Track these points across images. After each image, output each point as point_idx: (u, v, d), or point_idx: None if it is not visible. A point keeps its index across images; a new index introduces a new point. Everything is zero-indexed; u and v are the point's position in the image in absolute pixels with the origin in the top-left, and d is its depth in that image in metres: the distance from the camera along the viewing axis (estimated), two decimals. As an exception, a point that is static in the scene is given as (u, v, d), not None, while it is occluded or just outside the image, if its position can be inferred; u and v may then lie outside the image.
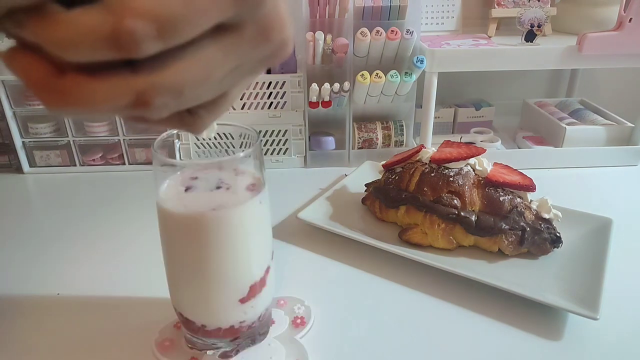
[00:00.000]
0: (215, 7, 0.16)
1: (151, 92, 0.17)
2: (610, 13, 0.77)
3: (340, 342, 0.42)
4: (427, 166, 0.56)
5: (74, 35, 0.15)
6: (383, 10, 0.70)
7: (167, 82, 0.17)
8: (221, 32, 0.18)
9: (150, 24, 0.15)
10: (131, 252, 0.55)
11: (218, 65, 0.18)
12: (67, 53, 0.15)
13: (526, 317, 0.45)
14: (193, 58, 0.17)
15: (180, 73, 0.17)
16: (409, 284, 0.49)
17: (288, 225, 0.60)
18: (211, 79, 0.19)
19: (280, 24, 0.19)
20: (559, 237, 0.51)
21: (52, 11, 0.15)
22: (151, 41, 0.15)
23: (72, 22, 0.15)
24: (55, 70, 0.16)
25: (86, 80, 0.16)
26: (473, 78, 0.93)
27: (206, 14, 0.16)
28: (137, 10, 0.15)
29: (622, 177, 0.74)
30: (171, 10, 0.15)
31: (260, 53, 0.19)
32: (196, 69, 0.18)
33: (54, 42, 0.15)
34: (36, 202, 0.69)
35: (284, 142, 0.76)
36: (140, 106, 0.17)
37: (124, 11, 0.15)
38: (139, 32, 0.15)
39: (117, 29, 0.15)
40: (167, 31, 0.15)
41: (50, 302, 0.47)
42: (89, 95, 0.16)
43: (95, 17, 0.15)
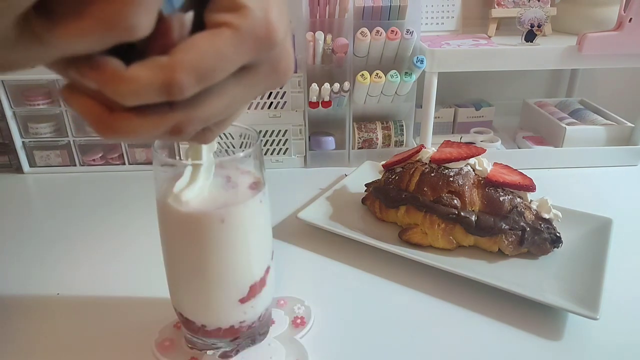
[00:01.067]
0: (240, 56, 0.20)
1: (185, 124, 0.21)
2: (610, 13, 0.77)
3: (340, 342, 0.42)
4: (427, 166, 0.56)
5: (134, 88, 0.18)
6: (383, 10, 0.70)
7: (198, 116, 0.21)
8: (242, 72, 0.21)
9: (193, 76, 0.19)
10: (131, 252, 0.55)
11: (239, 98, 0.22)
12: (125, 101, 0.19)
13: (526, 317, 0.45)
14: (220, 95, 0.21)
15: (210, 109, 0.21)
16: (409, 284, 0.49)
17: (288, 225, 0.60)
18: (233, 107, 0.23)
19: (287, 57, 0.23)
20: (559, 237, 0.51)
21: (112, 65, 0.18)
22: (192, 87, 0.19)
23: (132, 78, 0.18)
24: (106, 108, 0.19)
25: (133, 116, 0.19)
26: (473, 78, 0.93)
27: (233, 63, 0.20)
28: (183, 65, 0.18)
29: (622, 177, 0.74)
30: (208, 63, 0.19)
31: (271, 82, 0.23)
32: (222, 103, 0.22)
33: (115, 93, 0.18)
34: (36, 202, 0.69)
35: (284, 142, 0.76)
36: (175, 135, 0.21)
37: (173, 67, 0.18)
38: (184, 83, 0.18)
39: (168, 81, 0.18)
40: (204, 79, 0.19)
41: (50, 302, 0.47)
42: (134, 128, 0.20)
43: (151, 73, 0.18)
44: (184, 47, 0.19)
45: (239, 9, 0.19)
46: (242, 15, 0.19)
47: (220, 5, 0.20)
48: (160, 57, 0.18)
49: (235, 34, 0.19)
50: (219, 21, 0.19)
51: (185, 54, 0.19)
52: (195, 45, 0.19)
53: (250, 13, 0.20)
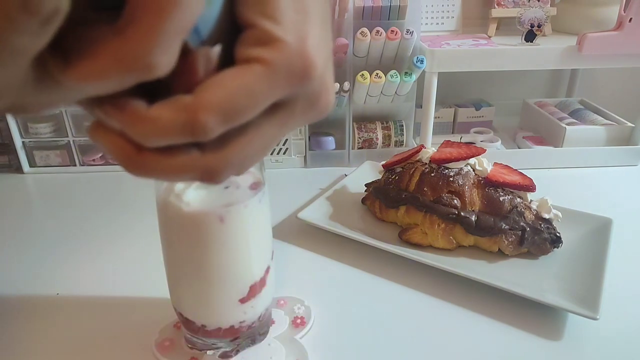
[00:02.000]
0: (271, 93, 0.18)
1: (218, 169, 0.19)
2: (610, 13, 0.77)
3: (340, 342, 0.42)
4: (427, 166, 0.56)
5: (155, 130, 0.17)
6: (383, 10, 0.70)
7: (230, 159, 0.19)
8: (276, 109, 0.20)
9: (218, 116, 0.17)
10: (131, 252, 0.55)
11: (274, 137, 0.21)
12: (148, 142, 0.18)
13: (526, 317, 0.45)
14: (252, 134, 0.20)
15: (242, 150, 0.20)
16: (409, 284, 0.49)
17: (288, 225, 0.60)
18: (269, 149, 0.21)
19: (327, 92, 0.21)
20: (559, 237, 0.51)
21: (133, 106, 0.17)
22: (218, 128, 0.18)
23: (154, 119, 0.17)
24: (134, 147, 0.18)
25: (161, 156, 0.18)
26: (473, 78, 0.93)
27: (264, 101, 0.18)
28: (208, 105, 0.17)
29: (622, 177, 0.74)
30: (235, 102, 0.18)
31: (309, 117, 0.22)
32: (256, 144, 0.20)
33: (137, 133, 0.18)
34: (36, 202, 0.69)
35: (284, 142, 0.76)
36: (208, 180, 0.20)
37: (196, 107, 0.17)
38: (209, 124, 0.17)
39: (191, 123, 0.17)
40: (230, 119, 0.18)
41: (49, 302, 0.47)
42: (163, 169, 0.19)
43: (173, 114, 0.17)
44: (209, 85, 0.17)
45: (273, 42, 0.18)
46: (276, 49, 0.18)
47: (253, 38, 0.18)
48: (184, 97, 0.17)
49: (267, 70, 0.18)
50: (250, 56, 0.18)
51: (211, 93, 0.17)
52: (222, 83, 0.18)
53: (284, 47, 0.18)
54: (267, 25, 0.18)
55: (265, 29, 0.18)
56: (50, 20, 0.14)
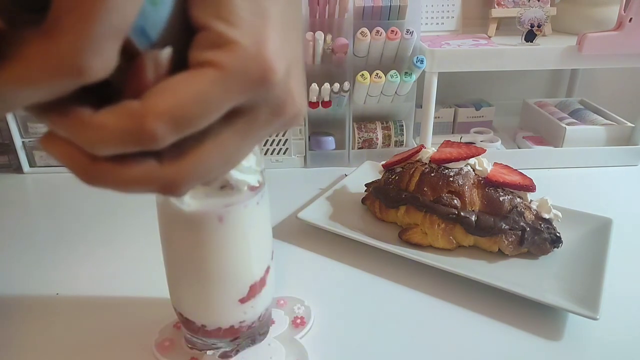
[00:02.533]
0: (226, 99, 0.17)
1: (177, 181, 0.19)
2: (610, 13, 0.77)
3: (340, 342, 0.42)
4: (427, 166, 0.56)
5: (100, 137, 0.16)
6: (383, 10, 0.70)
7: (190, 171, 0.19)
8: (236, 117, 0.19)
9: (167, 123, 0.16)
10: (131, 252, 0.55)
11: (237, 147, 0.20)
12: (95, 150, 0.17)
13: (526, 317, 0.45)
14: (211, 144, 0.19)
15: (201, 161, 0.19)
16: (409, 284, 0.49)
17: (288, 225, 0.60)
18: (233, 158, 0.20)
19: (292, 100, 0.20)
20: (559, 237, 0.51)
21: (76, 112, 0.16)
22: (168, 136, 0.17)
23: (99, 126, 0.16)
24: (88, 157, 0.17)
25: (115, 167, 0.18)
26: (473, 78, 0.93)
27: (218, 108, 0.17)
28: (156, 112, 0.16)
29: (622, 177, 0.74)
30: (186, 109, 0.17)
31: (275, 127, 0.20)
32: (216, 154, 0.19)
33: (83, 141, 0.17)
34: (36, 202, 0.69)
35: (284, 142, 0.76)
36: (168, 192, 0.19)
37: (143, 114, 0.16)
38: (157, 132, 0.16)
39: (138, 130, 0.16)
40: (182, 126, 0.17)
41: (49, 302, 0.47)
42: (119, 180, 0.18)
43: (119, 121, 0.16)
44: (158, 90, 0.17)
45: (227, 45, 0.17)
46: (231, 52, 0.17)
47: (206, 41, 0.17)
48: (131, 102, 0.16)
49: (221, 74, 0.17)
50: (203, 60, 0.17)
51: (159, 98, 0.16)
52: (172, 88, 0.17)
53: (240, 50, 0.17)
54: (221, 27, 0.17)
55: (219, 32, 0.17)
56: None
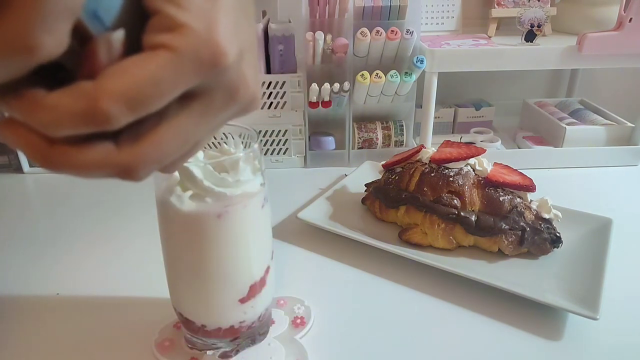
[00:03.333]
0: (178, 81, 0.18)
1: (134, 165, 0.19)
2: (610, 13, 0.77)
3: (340, 342, 0.42)
4: (427, 166, 0.56)
5: (54, 117, 0.17)
6: (383, 10, 0.70)
7: (146, 155, 0.19)
8: (190, 99, 0.19)
9: (121, 104, 0.17)
10: (131, 252, 0.55)
11: (192, 129, 0.20)
12: (50, 131, 0.17)
13: (526, 317, 0.45)
14: (167, 127, 0.19)
15: (158, 144, 0.19)
16: (409, 284, 0.49)
17: (288, 225, 0.60)
18: (189, 142, 0.20)
19: (246, 84, 0.21)
20: (559, 237, 0.51)
21: (30, 93, 0.17)
22: (123, 116, 0.17)
23: (52, 106, 0.17)
24: (45, 140, 0.18)
25: (72, 150, 0.18)
26: (473, 78, 0.93)
27: (170, 89, 0.18)
28: (109, 92, 0.17)
29: (622, 177, 0.74)
30: (139, 90, 0.17)
31: (231, 111, 0.21)
32: (172, 138, 0.19)
33: (37, 122, 0.17)
34: (36, 202, 0.69)
35: (284, 142, 0.76)
36: (126, 177, 0.19)
37: (97, 94, 0.16)
38: (111, 112, 0.17)
39: (92, 110, 0.16)
40: (136, 107, 0.17)
41: (49, 302, 0.47)
42: (76, 164, 0.18)
43: (72, 101, 0.17)
44: (111, 72, 0.17)
45: (178, 28, 0.18)
46: (181, 35, 0.18)
47: (158, 25, 0.18)
48: (85, 83, 0.17)
49: (171, 56, 0.17)
50: (155, 42, 0.18)
51: (113, 79, 0.17)
52: (125, 70, 0.17)
53: (190, 32, 0.18)
54: (172, 10, 0.18)
55: (169, 15, 0.18)
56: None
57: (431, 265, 0.49)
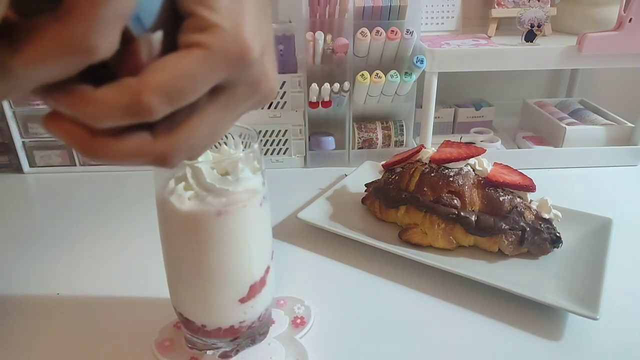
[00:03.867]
0: (210, 75, 0.20)
1: (168, 153, 0.21)
2: (610, 13, 0.77)
3: (340, 342, 0.42)
4: (427, 166, 0.56)
5: (101, 110, 0.18)
6: (383, 10, 0.70)
7: (179, 144, 0.21)
8: (218, 93, 0.21)
9: (161, 97, 0.19)
10: (131, 252, 0.55)
11: (219, 119, 0.22)
12: (96, 123, 0.19)
13: (526, 317, 0.45)
14: (198, 118, 0.21)
15: (190, 134, 0.21)
16: (409, 284, 0.49)
17: (288, 225, 0.60)
18: (217, 132, 0.23)
19: (267, 78, 0.23)
20: (559, 237, 0.51)
21: (80, 89, 0.18)
22: (162, 108, 0.19)
23: (100, 100, 0.18)
24: (87, 132, 0.20)
25: (113, 140, 0.20)
26: (473, 78, 0.93)
27: (204, 83, 0.20)
28: (150, 86, 0.19)
29: (622, 177, 0.74)
30: (177, 84, 0.19)
31: (252, 102, 0.23)
32: (202, 128, 0.21)
33: (84, 115, 0.19)
34: (36, 202, 0.69)
35: (284, 142, 0.76)
36: (160, 164, 0.21)
37: (140, 88, 0.18)
38: (152, 104, 0.19)
39: (135, 103, 0.18)
40: (173, 99, 0.19)
41: (50, 302, 0.47)
42: (116, 153, 0.20)
43: (118, 95, 0.18)
44: (152, 68, 0.19)
45: (210, 28, 0.19)
46: (213, 34, 0.19)
47: (192, 26, 0.20)
48: (128, 79, 0.19)
49: (205, 53, 0.19)
50: (189, 42, 0.19)
51: (153, 75, 0.19)
52: (163, 66, 0.19)
53: (220, 31, 0.19)
54: (204, 12, 0.19)
55: (202, 16, 0.19)
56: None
57: (431, 265, 0.49)
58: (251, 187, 0.35)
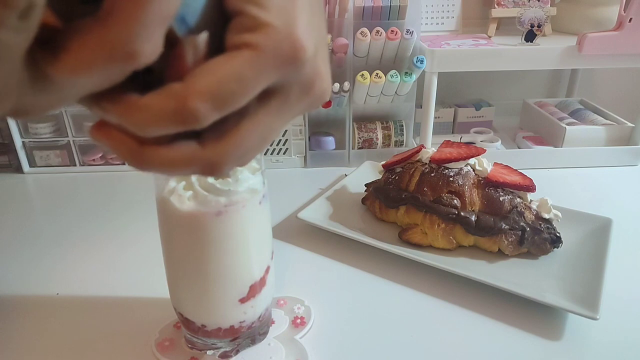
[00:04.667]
0: (261, 77, 0.19)
1: (218, 161, 0.20)
2: (610, 13, 0.77)
3: (340, 342, 0.42)
4: (427, 166, 0.56)
5: (147, 118, 0.18)
6: (383, 10, 0.70)
7: (230, 151, 0.20)
8: (270, 97, 0.20)
9: (208, 102, 0.18)
10: (131, 252, 0.55)
11: (272, 126, 0.21)
12: (143, 131, 0.18)
13: (526, 317, 0.45)
14: (249, 124, 0.20)
15: (241, 141, 0.20)
16: (409, 284, 0.49)
17: (288, 225, 0.60)
18: (269, 137, 0.21)
19: (321, 78, 0.21)
20: (559, 237, 0.51)
21: (126, 97, 0.18)
22: (209, 114, 0.18)
23: (146, 107, 0.18)
24: (136, 141, 0.19)
25: (161, 149, 0.19)
26: (473, 78, 0.93)
27: (254, 86, 0.19)
28: (197, 91, 0.17)
29: (622, 177, 0.74)
30: (225, 88, 0.18)
31: (305, 104, 0.22)
32: (254, 134, 0.20)
33: (132, 123, 0.18)
34: (36, 202, 0.69)
35: (284, 142, 0.76)
36: (210, 172, 0.20)
37: (186, 94, 0.17)
38: (199, 110, 0.17)
39: (181, 109, 0.17)
40: (222, 104, 0.18)
41: (49, 302, 0.47)
42: (165, 162, 0.19)
43: (164, 101, 0.17)
44: (199, 72, 0.18)
45: (260, 28, 0.18)
46: (263, 33, 0.18)
47: (241, 25, 0.18)
48: (174, 84, 0.18)
49: (255, 54, 0.18)
50: (238, 42, 0.18)
51: (200, 79, 0.18)
52: (211, 70, 0.18)
53: (272, 31, 0.18)
54: (254, 11, 0.18)
55: (252, 15, 0.18)
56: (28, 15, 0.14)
57: (431, 265, 0.49)
58: (251, 187, 0.35)
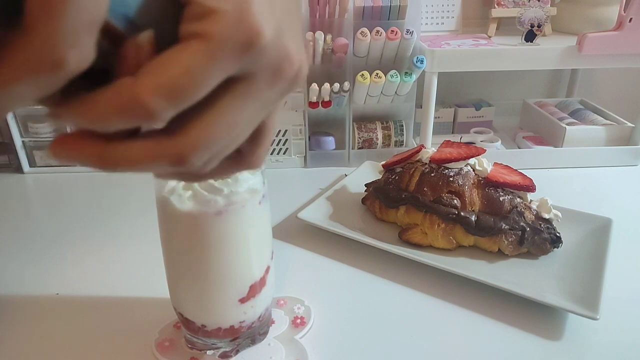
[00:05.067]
0: (216, 68, 0.18)
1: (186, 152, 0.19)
2: (610, 13, 0.77)
3: (340, 342, 0.42)
4: (427, 166, 0.56)
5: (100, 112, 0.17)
6: (383, 10, 0.70)
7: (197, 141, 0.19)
8: (233, 84, 0.19)
9: (161, 98, 0.17)
10: (131, 252, 0.55)
11: (238, 112, 0.20)
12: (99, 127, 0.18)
13: (526, 317, 0.45)
14: (212, 113, 0.19)
15: (206, 130, 0.19)
16: (409, 284, 0.49)
17: (288, 225, 0.60)
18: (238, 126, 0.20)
19: (290, 60, 0.20)
20: (559, 237, 0.51)
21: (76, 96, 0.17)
22: (164, 109, 0.17)
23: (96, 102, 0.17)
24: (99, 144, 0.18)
25: (127, 146, 0.19)
26: (473, 78, 0.93)
27: (210, 77, 0.18)
28: (148, 87, 0.17)
29: (622, 177, 0.74)
30: (176, 82, 0.17)
31: (279, 89, 0.21)
32: (219, 122, 0.19)
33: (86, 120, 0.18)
34: (36, 202, 0.69)
35: (284, 142, 0.76)
36: (180, 164, 0.19)
37: (137, 90, 0.17)
38: (152, 106, 0.17)
39: (133, 104, 0.17)
40: (176, 99, 0.17)
41: (49, 302, 0.47)
42: (133, 158, 0.19)
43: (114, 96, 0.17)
44: (149, 68, 0.17)
45: (209, 15, 0.17)
46: (213, 20, 0.17)
47: (191, 14, 0.17)
48: (126, 78, 0.17)
49: (205, 45, 0.17)
50: (189, 32, 0.17)
51: (150, 75, 0.17)
52: (161, 64, 0.17)
53: (221, 17, 0.17)
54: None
55: (199, 2, 0.17)
56: None
57: (431, 265, 0.49)
58: (251, 187, 0.35)
